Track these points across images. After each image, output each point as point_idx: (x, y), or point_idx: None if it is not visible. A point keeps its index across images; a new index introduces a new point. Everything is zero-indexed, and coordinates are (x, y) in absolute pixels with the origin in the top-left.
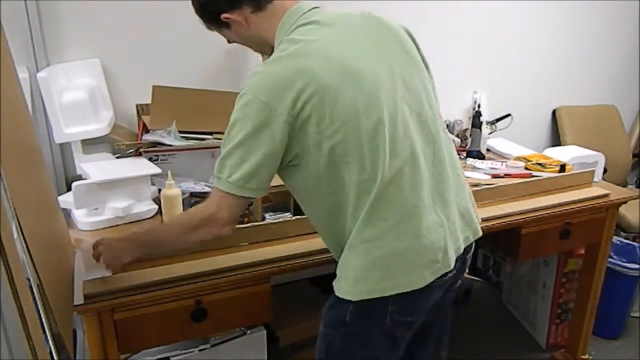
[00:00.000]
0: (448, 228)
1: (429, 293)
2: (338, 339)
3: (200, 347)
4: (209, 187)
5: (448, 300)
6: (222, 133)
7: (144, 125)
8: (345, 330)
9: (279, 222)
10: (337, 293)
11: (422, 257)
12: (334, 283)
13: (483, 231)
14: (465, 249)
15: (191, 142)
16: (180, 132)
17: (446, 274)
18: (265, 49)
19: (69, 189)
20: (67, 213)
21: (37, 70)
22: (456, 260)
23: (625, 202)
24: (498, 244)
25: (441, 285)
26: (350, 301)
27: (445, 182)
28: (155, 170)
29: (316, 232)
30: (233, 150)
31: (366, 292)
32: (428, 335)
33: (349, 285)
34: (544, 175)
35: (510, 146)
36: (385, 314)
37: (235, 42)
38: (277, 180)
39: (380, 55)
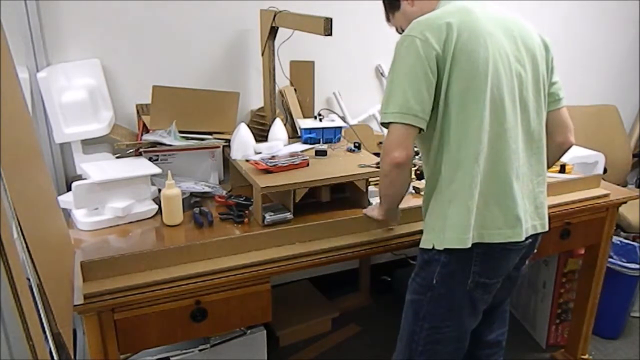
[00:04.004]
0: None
1: (507, 255)
2: (425, 302)
3: (200, 347)
4: (209, 187)
5: (516, 277)
6: (222, 133)
7: (144, 125)
8: (432, 294)
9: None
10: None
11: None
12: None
13: None
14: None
15: (191, 142)
16: (180, 132)
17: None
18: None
19: (69, 189)
20: (67, 213)
21: (37, 70)
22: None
23: (625, 202)
24: None
25: (517, 251)
26: (439, 260)
27: None
28: (155, 170)
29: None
30: None
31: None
32: (494, 316)
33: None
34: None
35: None
36: (468, 274)
37: (396, 26)
38: (277, 180)
39: None
